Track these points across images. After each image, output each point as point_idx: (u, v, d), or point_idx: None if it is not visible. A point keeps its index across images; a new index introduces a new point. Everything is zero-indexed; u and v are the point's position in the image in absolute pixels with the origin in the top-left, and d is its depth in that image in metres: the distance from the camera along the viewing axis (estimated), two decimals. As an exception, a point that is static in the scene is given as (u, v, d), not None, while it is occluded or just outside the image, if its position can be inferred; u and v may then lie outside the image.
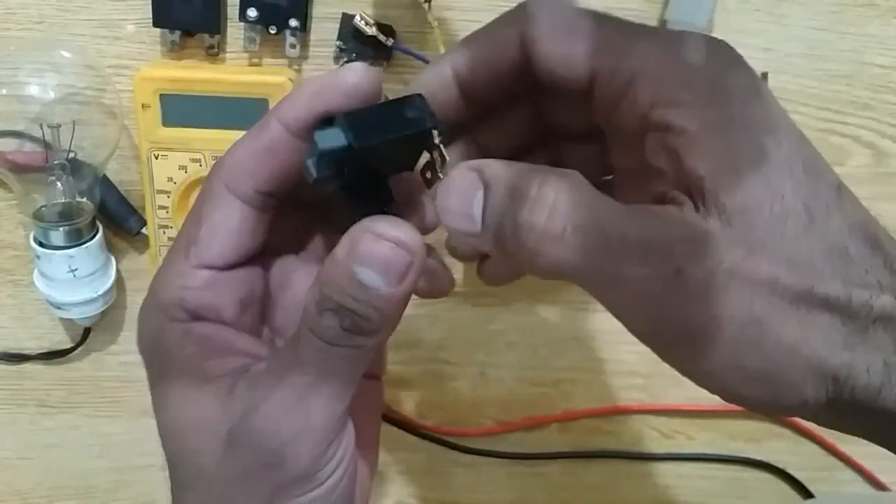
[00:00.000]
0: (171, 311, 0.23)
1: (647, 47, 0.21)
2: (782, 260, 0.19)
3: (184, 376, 0.23)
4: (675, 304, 0.19)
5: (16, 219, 0.43)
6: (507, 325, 0.46)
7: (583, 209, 0.19)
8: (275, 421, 0.21)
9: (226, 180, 0.23)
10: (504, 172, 0.20)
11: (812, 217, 0.19)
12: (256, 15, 0.37)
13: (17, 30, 0.38)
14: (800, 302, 0.19)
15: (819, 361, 0.19)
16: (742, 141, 0.19)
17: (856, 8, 0.39)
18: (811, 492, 0.50)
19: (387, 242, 0.20)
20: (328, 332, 0.21)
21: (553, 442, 0.49)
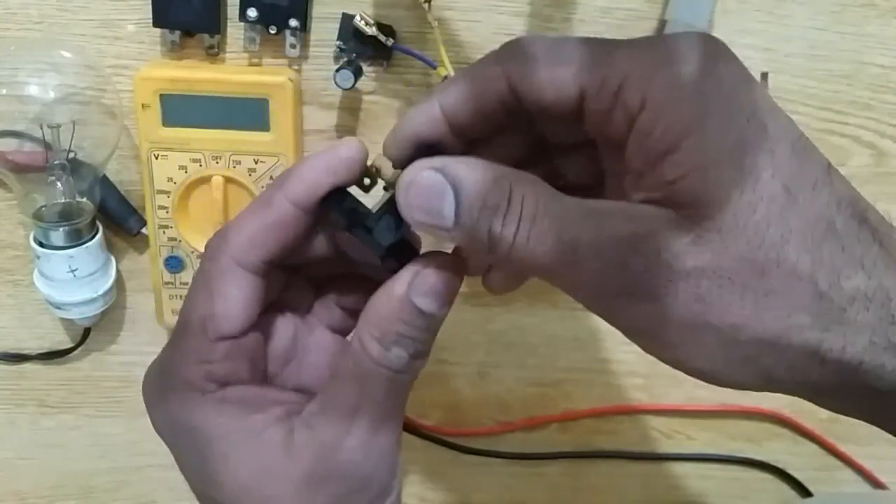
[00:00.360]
0: (200, 386, 0.25)
1: (630, 54, 0.21)
2: (737, 247, 0.19)
3: (233, 441, 0.24)
4: (625, 295, 0.20)
5: (16, 219, 0.43)
6: (507, 325, 0.46)
7: (545, 217, 0.20)
8: (360, 454, 0.24)
9: (235, 255, 0.25)
10: (471, 177, 0.21)
11: (793, 197, 0.19)
12: (256, 15, 0.37)
13: (18, 30, 0.38)
14: (753, 284, 0.19)
15: (777, 339, 0.19)
16: (721, 133, 0.20)
17: (856, 8, 0.39)
18: (811, 491, 0.50)
19: (447, 273, 0.23)
20: (398, 363, 0.24)
21: (553, 442, 0.49)
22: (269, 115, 0.38)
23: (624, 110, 0.21)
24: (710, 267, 0.19)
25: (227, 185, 0.39)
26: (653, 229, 0.20)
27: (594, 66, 0.21)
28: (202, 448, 0.24)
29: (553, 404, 0.48)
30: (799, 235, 0.19)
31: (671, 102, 0.20)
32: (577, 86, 0.22)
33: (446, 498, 0.51)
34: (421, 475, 0.50)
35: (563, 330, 0.46)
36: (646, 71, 0.21)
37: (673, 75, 0.20)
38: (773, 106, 0.21)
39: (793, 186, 0.19)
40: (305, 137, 0.41)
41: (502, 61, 0.23)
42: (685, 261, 0.20)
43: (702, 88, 0.20)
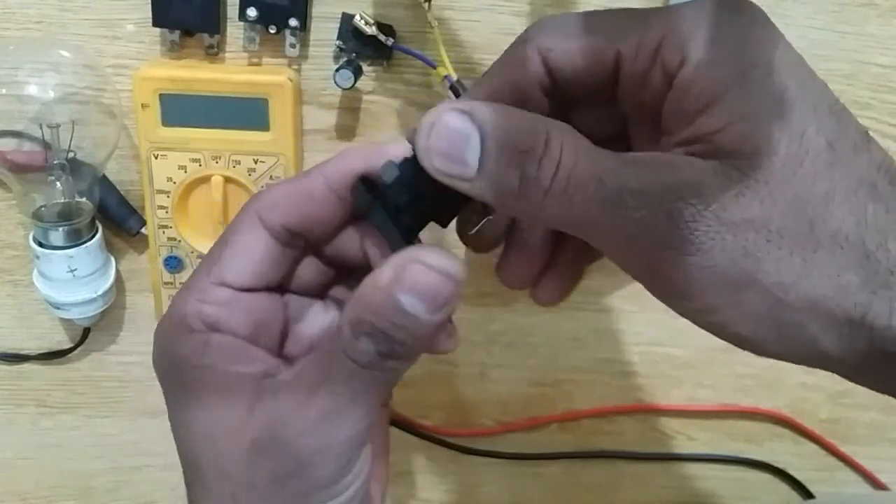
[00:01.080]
0: (190, 323, 0.24)
1: (668, 15, 0.21)
2: (784, 199, 0.19)
3: (205, 384, 0.24)
4: (671, 248, 0.19)
5: (15, 219, 0.43)
6: (507, 325, 0.46)
7: (586, 163, 0.19)
8: (304, 434, 0.22)
9: (259, 210, 0.25)
10: (501, 121, 0.20)
11: (837, 154, 0.19)
12: (256, 14, 0.37)
13: (17, 29, 0.38)
14: (802, 240, 0.19)
15: (825, 301, 0.19)
16: (764, 87, 0.19)
17: (856, 7, 0.39)
18: (811, 492, 0.50)
19: (436, 274, 0.21)
20: (363, 357, 0.22)
21: (553, 442, 0.49)
22: (268, 114, 0.38)
23: (663, 69, 0.21)
24: (758, 219, 0.19)
25: (226, 185, 0.39)
26: (700, 179, 0.19)
27: (630, 31, 0.21)
28: (179, 383, 0.25)
29: (553, 404, 0.48)
30: (844, 193, 0.19)
31: (712, 58, 0.20)
32: (614, 50, 0.22)
33: (446, 498, 0.51)
34: (421, 475, 0.50)
35: (563, 330, 0.46)
36: (684, 30, 0.21)
37: (712, 33, 0.20)
38: (809, 70, 0.21)
39: (838, 144, 0.19)
40: (305, 137, 0.41)
41: (532, 39, 0.23)
42: (734, 211, 0.19)
43: (742, 46, 0.20)
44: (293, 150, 0.39)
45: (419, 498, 0.51)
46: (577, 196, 0.19)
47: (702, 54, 0.20)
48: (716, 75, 0.20)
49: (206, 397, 0.24)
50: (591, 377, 0.47)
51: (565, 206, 0.20)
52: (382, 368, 0.22)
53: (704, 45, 0.20)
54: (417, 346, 0.22)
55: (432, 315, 0.21)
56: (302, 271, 0.27)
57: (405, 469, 0.50)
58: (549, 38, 0.23)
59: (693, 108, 0.20)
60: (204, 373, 0.24)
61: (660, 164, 0.20)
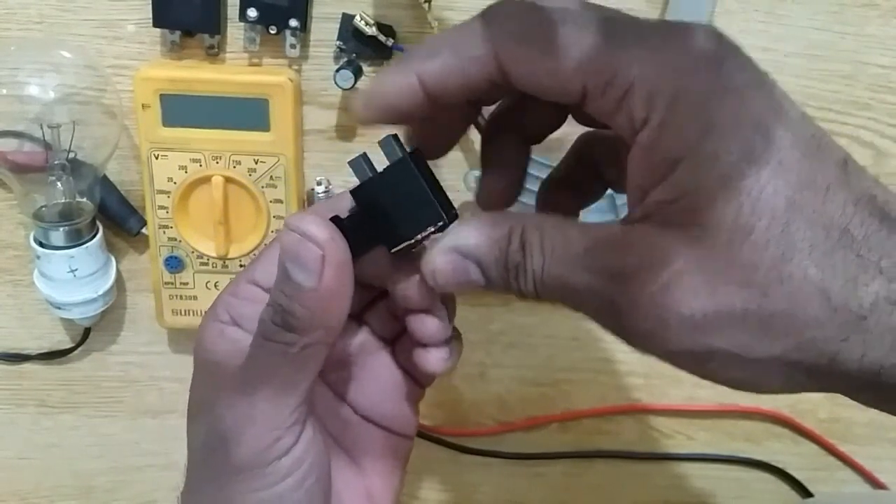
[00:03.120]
0: (218, 314, 0.26)
1: (638, 58, 0.20)
2: (730, 272, 0.19)
3: (206, 370, 0.26)
4: (625, 334, 0.21)
5: (16, 219, 0.43)
6: (507, 325, 0.46)
7: (552, 265, 0.22)
8: (221, 407, 0.24)
9: (294, 225, 0.26)
10: (485, 248, 0.22)
11: (799, 208, 0.19)
12: (256, 15, 0.37)
13: (18, 30, 0.38)
14: (755, 308, 0.19)
15: (789, 355, 0.19)
16: (720, 152, 0.19)
17: (855, 8, 0.39)
18: (811, 491, 0.50)
19: (294, 234, 0.22)
20: (263, 326, 0.23)
21: (553, 442, 0.49)
22: (269, 115, 0.38)
23: (628, 118, 0.20)
24: (701, 299, 0.19)
25: (227, 185, 0.39)
26: (638, 264, 0.20)
27: (599, 66, 0.20)
28: (196, 362, 0.26)
29: (553, 404, 0.48)
30: (805, 249, 0.19)
31: (674, 122, 0.20)
32: (580, 83, 0.21)
33: (446, 498, 0.51)
34: (420, 475, 0.50)
35: (563, 330, 0.46)
36: (651, 82, 0.20)
37: (678, 89, 0.20)
38: (783, 107, 0.20)
39: (800, 197, 0.19)
40: (305, 137, 0.41)
41: (493, 39, 0.21)
42: (672, 294, 0.19)
43: (707, 103, 0.19)
44: (293, 151, 0.39)
45: (419, 497, 0.51)
46: (554, 295, 0.22)
47: (663, 115, 0.20)
48: (673, 143, 0.20)
49: (206, 384, 0.25)
50: (591, 377, 0.48)
51: (545, 297, 0.22)
52: (281, 341, 0.23)
53: (669, 103, 0.20)
54: (313, 318, 0.22)
55: (312, 281, 0.22)
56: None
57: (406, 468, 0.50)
58: (513, 48, 0.21)
59: (650, 175, 0.20)
60: (214, 361, 0.25)
61: (607, 248, 0.21)
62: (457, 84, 0.22)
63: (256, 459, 0.23)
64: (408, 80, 0.22)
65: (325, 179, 0.41)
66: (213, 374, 0.25)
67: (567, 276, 0.21)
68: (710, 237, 0.19)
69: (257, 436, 0.23)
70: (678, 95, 0.19)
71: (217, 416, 0.24)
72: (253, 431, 0.23)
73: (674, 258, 0.19)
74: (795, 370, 0.19)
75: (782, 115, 0.19)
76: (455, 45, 0.22)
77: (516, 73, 0.21)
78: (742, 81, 0.20)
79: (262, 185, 0.39)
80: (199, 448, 0.25)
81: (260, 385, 0.23)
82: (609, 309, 0.21)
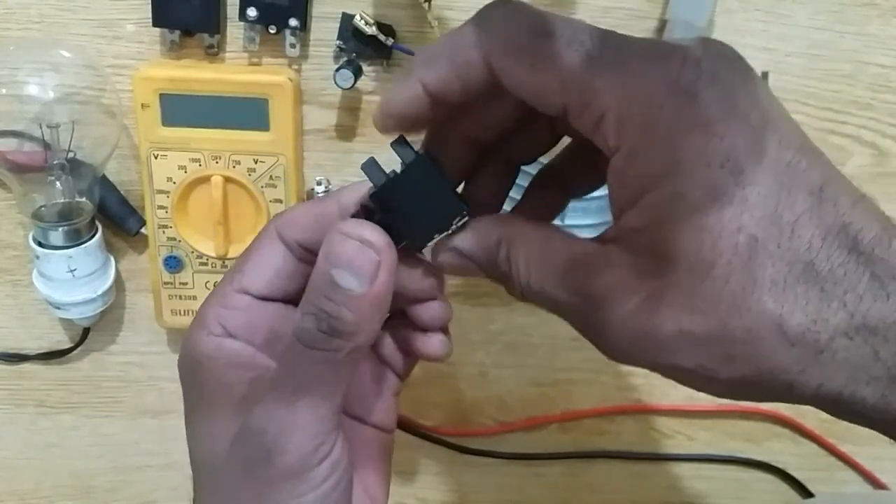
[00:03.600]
0: (210, 326, 0.26)
1: (612, 86, 0.20)
2: (692, 303, 0.20)
3: (209, 387, 0.25)
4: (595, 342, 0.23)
5: (15, 219, 0.43)
6: (507, 325, 0.46)
7: (536, 280, 0.23)
8: (264, 420, 0.24)
9: (278, 227, 0.26)
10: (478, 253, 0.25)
11: (762, 246, 0.19)
12: (256, 14, 0.37)
13: (17, 29, 0.38)
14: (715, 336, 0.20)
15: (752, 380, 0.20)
16: (686, 187, 0.19)
17: (856, 7, 0.39)
18: (811, 491, 0.50)
19: (353, 241, 0.22)
20: (306, 336, 0.23)
21: (553, 442, 0.49)
22: (268, 114, 0.38)
23: (604, 141, 0.21)
24: (667, 324, 0.20)
25: (226, 185, 0.39)
26: (613, 284, 0.21)
27: (578, 88, 0.21)
28: (190, 383, 0.26)
29: (553, 404, 0.48)
30: (766, 285, 0.19)
31: (642, 152, 0.20)
32: (561, 101, 0.21)
33: (446, 498, 0.51)
34: (420, 475, 0.50)
35: (563, 330, 0.46)
36: (624, 111, 0.20)
37: (648, 121, 0.20)
38: (760, 137, 0.20)
39: (764, 234, 0.19)
40: (305, 137, 0.41)
41: (483, 46, 0.22)
42: (639, 319, 0.20)
43: (675, 137, 0.20)
44: (293, 150, 0.39)
45: (419, 497, 0.51)
46: (536, 302, 0.24)
47: (632, 146, 0.20)
48: (643, 171, 0.20)
49: (207, 398, 0.26)
50: (591, 377, 0.48)
51: (531, 302, 0.24)
52: (328, 348, 0.23)
53: (637, 135, 0.20)
54: (360, 323, 0.23)
55: (363, 287, 0.22)
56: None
57: (404, 469, 0.50)
58: (501, 57, 0.22)
59: (623, 196, 0.21)
60: (209, 375, 0.25)
61: (583, 267, 0.22)
62: (456, 88, 0.23)
63: (300, 467, 0.24)
64: (413, 88, 0.23)
65: (324, 179, 0.41)
66: (213, 388, 0.25)
67: (547, 290, 0.23)
68: (673, 270, 0.20)
69: (301, 444, 0.23)
70: (647, 128, 0.20)
71: (257, 430, 0.24)
72: (297, 440, 0.23)
73: (640, 286, 0.20)
74: (760, 390, 0.20)
75: (756, 145, 0.19)
76: (450, 52, 0.23)
77: (505, 81, 0.22)
78: (715, 115, 0.20)
79: (262, 185, 0.39)
80: (236, 471, 0.24)
81: (302, 394, 0.23)
82: (584, 325, 0.23)
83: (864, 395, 0.19)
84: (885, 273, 0.19)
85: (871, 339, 0.19)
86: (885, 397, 0.19)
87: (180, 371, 0.27)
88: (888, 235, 0.19)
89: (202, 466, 0.26)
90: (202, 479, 0.26)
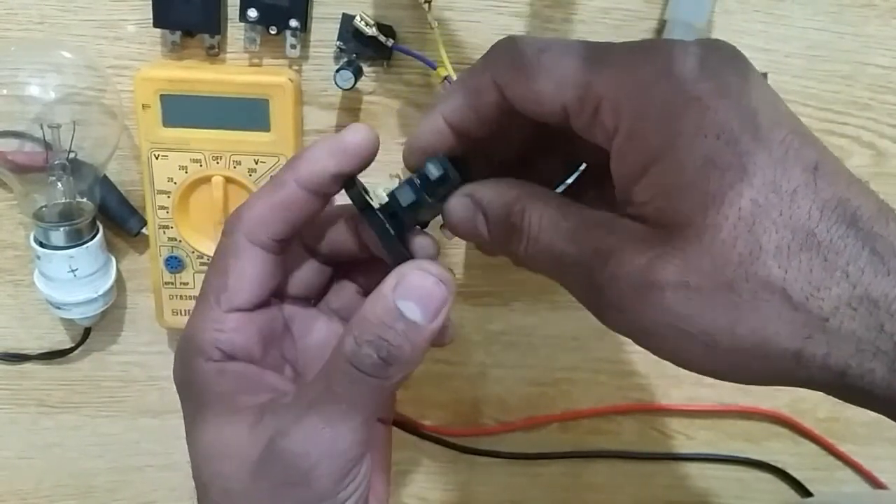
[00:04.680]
0: (207, 352, 0.26)
1: (606, 75, 0.22)
2: (701, 265, 0.20)
3: (217, 409, 0.26)
4: (602, 305, 0.23)
5: (16, 219, 0.43)
6: (507, 325, 0.46)
7: (544, 234, 0.24)
8: (304, 444, 0.24)
9: (246, 233, 0.26)
10: (494, 205, 0.25)
11: (764, 211, 0.19)
12: (257, 15, 0.37)
13: (18, 30, 0.38)
14: (722, 299, 0.20)
15: (755, 348, 0.20)
16: (686, 157, 0.20)
17: (855, 8, 0.39)
18: (810, 491, 0.50)
19: (433, 277, 0.23)
20: (366, 361, 0.23)
21: (553, 442, 0.49)
22: (269, 115, 0.38)
23: (602, 130, 0.22)
24: (674, 281, 0.20)
25: (227, 185, 0.39)
26: (622, 245, 0.21)
27: (574, 85, 0.22)
28: (194, 407, 0.26)
29: (553, 404, 0.48)
30: (771, 250, 0.19)
31: (640, 130, 0.21)
32: (560, 103, 0.22)
33: (446, 498, 0.51)
34: (421, 475, 0.50)
35: (563, 330, 0.46)
36: (618, 96, 0.21)
37: (643, 101, 0.21)
38: (753, 113, 0.20)
39: (765, 200, 0.19)
40: (306, 138, 0.41)
41: (490, 69, 0.24)
42: (649, 274, 0.20)
43: (670, 113, 0.20)
44: (294, 151, 0.39)
45: (419, 497, 0.51)
46: (539, 263, 0.24)
47: (632, 124, 0.21)
48: (643, 147, 0.21)
49: (216, 421, 0.25)
50: (591, 377, 0.48)
51: (534, 263, 0.24)
52: (383, 376, 0.23)
53: (634, 114, 0.21)
54: (416, 354, 0.24)
55: (429, 321, 0.23)
56: (301, 275, 0.29)
57: (406, 468, 0.50)
58: (505, 74, 0.24)
59: (627, 177, 0.22)
60: (217, 398, 0.26)
61: (596, 228, 0.23)
62: (472, 116, 0.25)
63: (335, 489, 0.24)
64: (436, 122, 0.25)
65: (325, 179, 0.41)
66: (221, 411, 0.25)
67: (556, 245, 0.23)
68: (681, 235, 0.20)
69: (341, 468, 0.24)
70: (643, 107, 0.21)
71: (298, 453, 0.24)
72: (337, 464, 0.24)
73: (650, 246, 0.21)
74: (766, 364, 0.20)
75: (749, 121, 0.20)
76: (465, 83, 0.25)
77: (511, 97, 0.23)
78: (705, 91, 0.20)
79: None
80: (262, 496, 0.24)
81: (347, 418, 0.24)
82: (588, 281, 0.22)
83: (872, 367, 0.19)
84: (886, 250, 0.19)
85: (874, 311, 0.19)
86: (895, 371, 0.19)
87: (180, 393, 0.27)
88: (885, 216, 0.20)
89: (212, 488, 0.25)
90: (212, 500, 0.25)
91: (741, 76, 0.21)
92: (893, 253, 0.19)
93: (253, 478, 0.24)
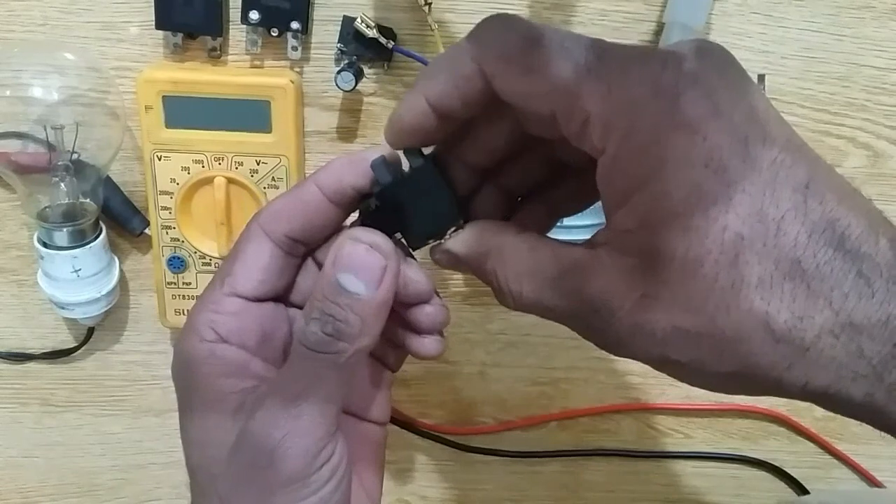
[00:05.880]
0: (202, 332, 0.26)
1: (596, 91, 0.21)
2: (683, 300, 0.20)
3: (203, 394, 0.26)
4: (596, 341, 0.23)
5: (20, 219, 0.43)
6: (507, 325, 0.46)
7: (530, 290, 0.24)
8: (267, 425, 0.24)
9: (262, 224, 0.26)
10: (470, 260, 0.25)
11: (749, 243, 0.19)
12: (258, 17, 0.37)
13: (21, 32, 0.39)
14: (705, 332, 0.20)
15: (739, 376, 0.20)
16: (671, 187, 0.20)
17: (852, 10, 0.39)
18: (807, 489, 0.51)
19: (363, 245, 0.23)
20: (312, 338, 0.23)
21: (552, 440, 0.50)
22: (270, 116, 0.38)
23: (590, 145, 0.21)
24: (662, 322, 0.20)
25: (229, 186, 0.40)
26: (609, 287, 0.22)
27: (565, 96, 0.21)
28: (184, 389, 0.26)
29: (552, 403, 0.49)
30: (753, 282, 0.19)
31: (627, 154, 0.20)
32: (549, 108, 0.22)
33: (446, 496, 0.51)
34: (421, 473, 0.51)
35: (562, 329, 0.46)
36: (607, 113, 0.21)
37: (631, 123, 0.20)
38: (743, 135, 0.20)
39: (750, 231, 0.19)
40: (307, 139, 0.41)
41: (477, 56, 0.23)
42: (638, 317, 0.21)
43: (658, 139, 0.20)
44: (295, 152, 0.39)
45: (419, 495, 0.51)
46: (533, 313, 0.24)
47: (616, 149, 0.21)
48: (629, 173, 0.21)
49: (201, 405, 0.26)
50: (589, 376, 0.48)
51: (523, 311, 0.25)
52: (332, 350, 0.23)
53: (621, 138, 0.20)
54: (364, 326, 0.23)
55: (370, 291, 0.23)
56: (304, 281, 0.29)
57: (405, 467, 0.50)
58: (493, 64, 0.22)
59: (611, 199, 0.22)
60: (203, 381, 0.26)
61: (576, 272, 0.23)
62: (456, 100, 0.23)
63: (303, 471, 0.24)
64: (417, 102, 0.24)
65: (326, 180, 0.41)
66: (208, 394, 0.25)
67: (541, 299, 0.24)
68: (664, 269, 0.20)
69: (306, 448, 0.24)
70: (631, 130, 0.20)
71: (261, 435, 0.24)
72: (301, 444, 0.24)
73: (634, 286, 0.21)
74: (751, 385, 0.21)
75: (740, 144, 0.20)
76: (448, 64, 0.24)
77: (497, 86, 0.23)
78: (697, 115, 0.20)
79: (264, 186, 0.40)
80: (237, 478, 0.24)
81: (306, 397, 0.24)
82: (584, 325, 0.23)
83: (850, 393, 0.19)
84: (871, 271, 0.19)
85: (856, 336, 0.19)
86: (871, 395, 0.19)
87: (174, 377, 0.27)
88: (875, 232, 0.19)
89: (199, 473, 0.26)
90: (199, 485, 0.26)
91: (734, 89, 0.20)
92: (880, 273, 0.19)
93: (228, 462, 0.24)
